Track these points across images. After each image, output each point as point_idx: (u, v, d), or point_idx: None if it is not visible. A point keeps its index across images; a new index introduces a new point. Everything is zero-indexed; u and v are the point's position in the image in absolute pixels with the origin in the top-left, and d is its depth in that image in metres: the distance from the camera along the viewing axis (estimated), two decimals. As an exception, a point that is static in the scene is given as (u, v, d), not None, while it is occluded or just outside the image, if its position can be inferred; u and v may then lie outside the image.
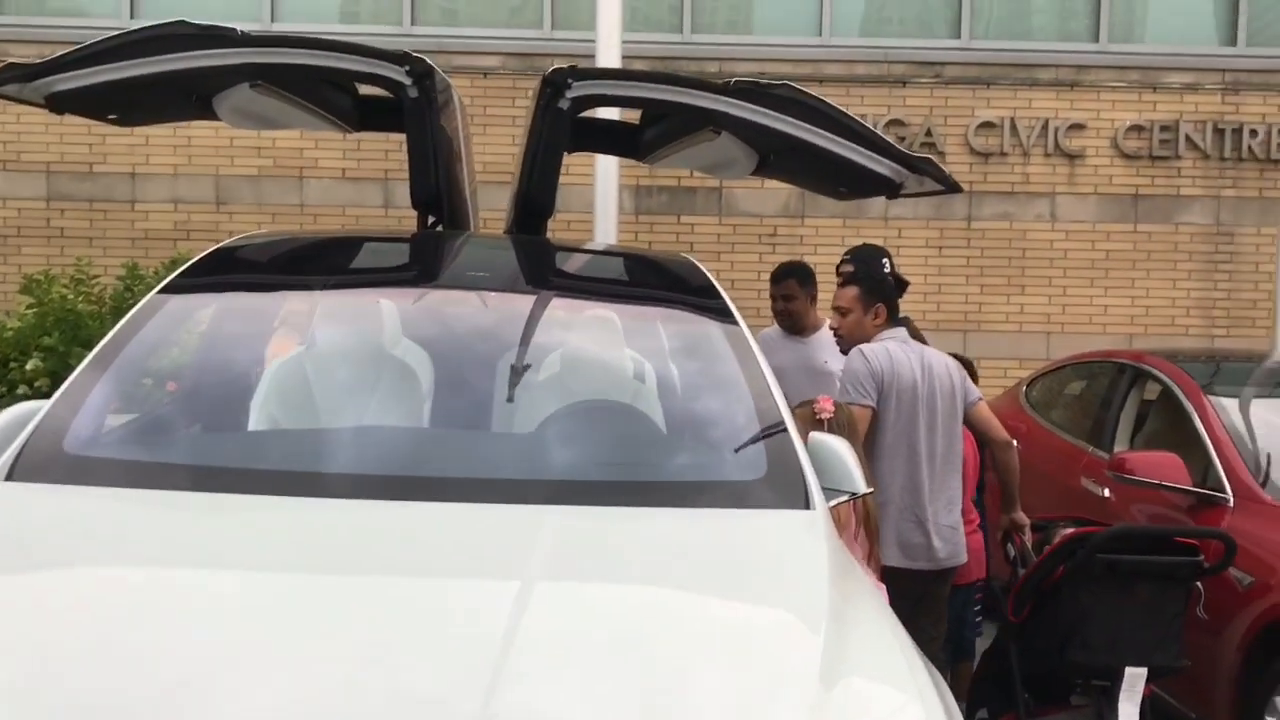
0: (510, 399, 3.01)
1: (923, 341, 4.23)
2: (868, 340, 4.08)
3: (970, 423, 4.11)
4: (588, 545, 2.30)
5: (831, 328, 4.37)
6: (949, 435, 3.97)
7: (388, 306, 3.37)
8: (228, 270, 3.28)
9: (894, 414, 3.90)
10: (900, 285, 4.52)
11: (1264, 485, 4.15)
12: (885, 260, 4.60)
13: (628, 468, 2.72)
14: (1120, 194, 9.02)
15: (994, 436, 4.22)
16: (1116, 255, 9.02)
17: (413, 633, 1.86)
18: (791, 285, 4.91)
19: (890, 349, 3.99)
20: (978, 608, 4.58)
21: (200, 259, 3.24)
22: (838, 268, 4.71)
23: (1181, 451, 4.41)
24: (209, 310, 3.27)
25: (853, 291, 4.20)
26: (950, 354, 4.26)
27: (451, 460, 2.68)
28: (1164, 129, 8.97)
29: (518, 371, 3.08)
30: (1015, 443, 4.30)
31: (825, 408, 3.52)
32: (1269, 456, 4.27)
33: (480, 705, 1.66)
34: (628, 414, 3.01)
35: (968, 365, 4.63)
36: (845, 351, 4.13)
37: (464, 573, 2.13)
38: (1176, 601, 3.61)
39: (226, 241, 3.44)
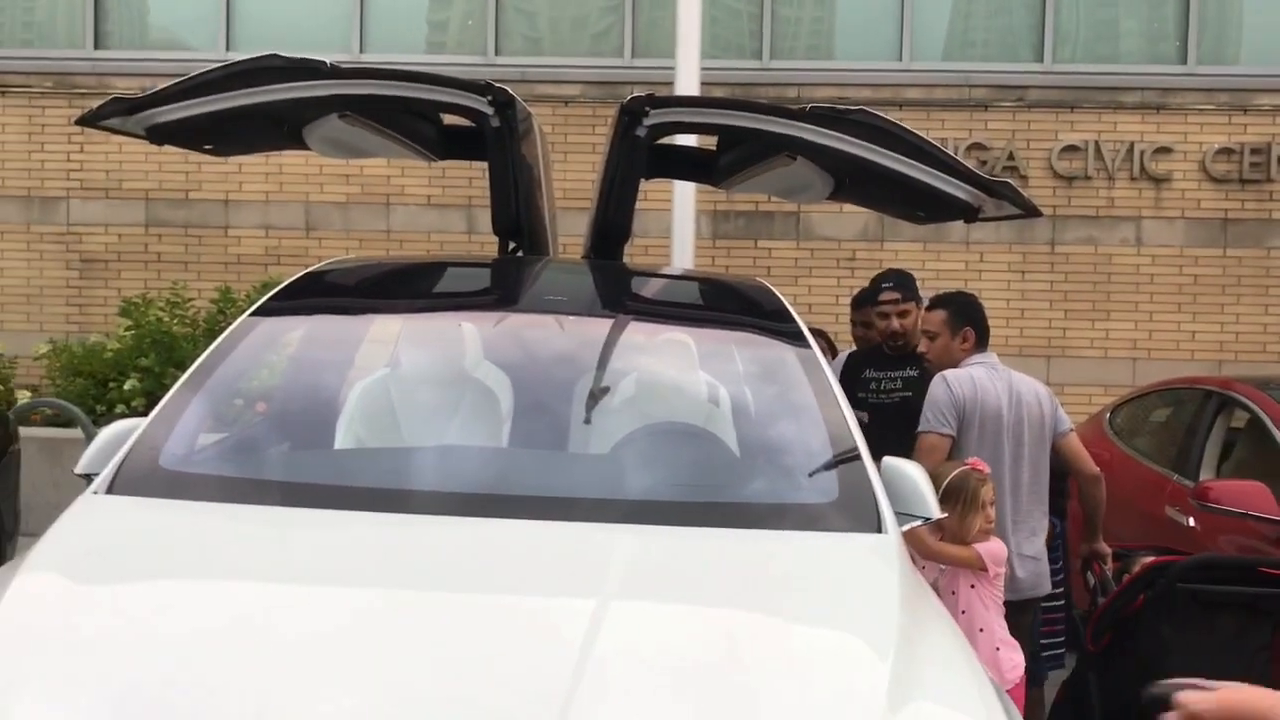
0: (587, 421, 3.07)
1: None
2: (955, 365, 4.04)
3: (1059, 453, 4.05)
4: (660, 564, 2.34)
5: (919, 352, 4.35)
6: (1035, 465, 3.92)
7: (469, 330, 3.46)
8: (317, 294, 3.40)
9: (977, 442, 3.86)
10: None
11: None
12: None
13: (701, 489, 2.75)
14: (1209, 218, 8.84)
15: (1082, 469, 4.15)
16: (1205, 280, 8.84)
17: (490, 649, 1.90)
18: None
19: (975, 375, 3.94)
20: (1058, 637, 4.52)
21: (290, 283, 3.35)
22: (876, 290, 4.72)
23: (1269, 481, 4.31)
24: (299, 333, 3.38)
25: (940, 315, 4.15)
26: None
27: (530, 479, 2.75)
28: (1255, 151, 8.78)
29: (594, 394, 3.13)
30: (1103, 476, 4.22)
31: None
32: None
33: None
34: (701, 436, 3.05)
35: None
36: (931, 376, 4.10)
37: (540, 590, 2.18)
38: (1261, 633, 3.53)
39: (316, 266, 3.56)
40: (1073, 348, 8.89)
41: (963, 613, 3.45)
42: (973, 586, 3.52)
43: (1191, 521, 4.74)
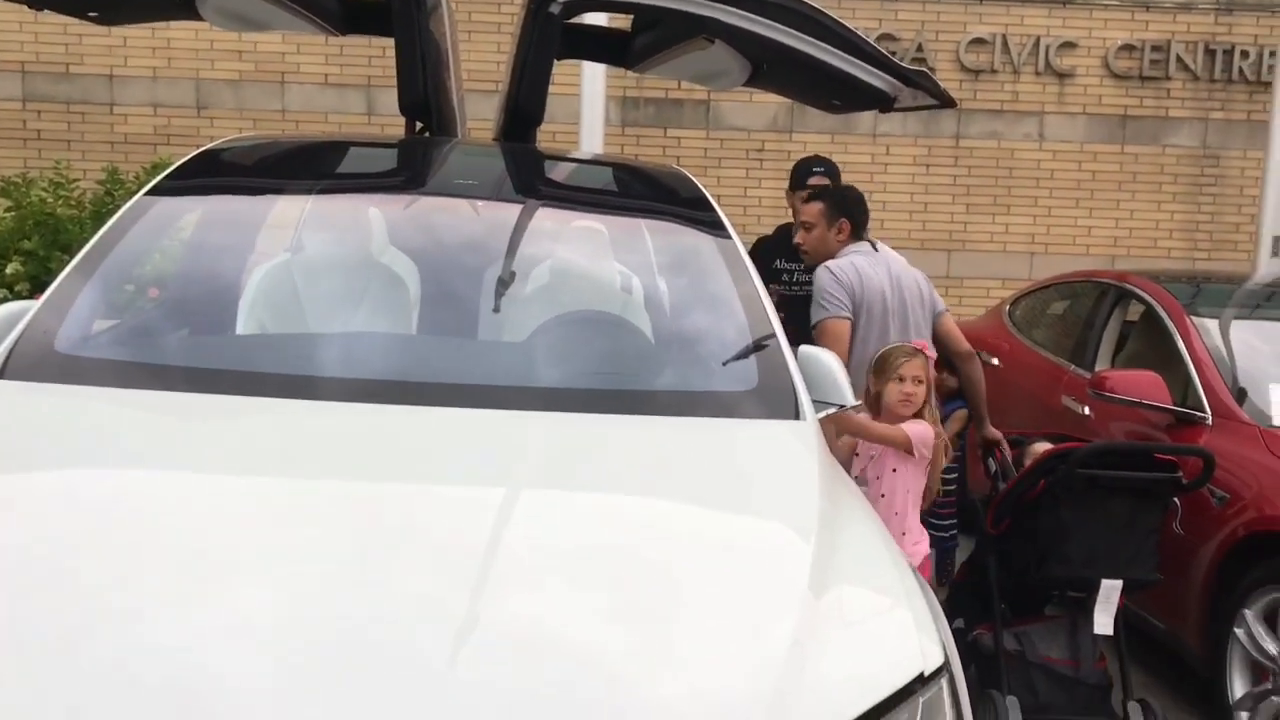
0: (497, 309, 3.00)
1: None
2: (831, 256, 4.15)
3: (935, 334, 4.18)
4: (576, 452, 2.31)
5: (795, 243, 4.40)
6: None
7: (375, 213, 3.34)
8: (214, 173, 3.24)
9: (865, 327, 3.98)
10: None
11: (1242, 405, 4.20)
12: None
13: (616, 377, 2.72)
14: (1109, 114, 8.98)
15: (957, 348, 4.31)
16: (1103, 176, 9.01)
17: (402, 536, 1.87)
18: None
19: (857, 263, 4.06)
20: (950, 519, 4.67)
21: (185, 162, 3.19)
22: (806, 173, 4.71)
23: (1162, 371, 4.45)
24: (195, 215, 3.23)
25: (818, 207, 4.25)
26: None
27: (442, 366, 2.69)
28: (1155, 49, 8.90)
29: (505, 281, 3.06)
30: (975, 354, 4.35)
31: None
32: (1248, 377, 4.32)
33: (467, 607, 1.67)
34: (617, 324, 3.01)
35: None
36: (811, 268, 4.17)
37: (454, 478, 2.14)
38: (1154, 517, 3.67)
39: (212, 144, 3.39)
40: (973, 241, 9.02)
41: (882, 496, 3.52)
42: (895, 470, 3.58)
43: (1087, 410, 4.89)
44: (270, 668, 1.54)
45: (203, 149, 3.30)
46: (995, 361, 5.77)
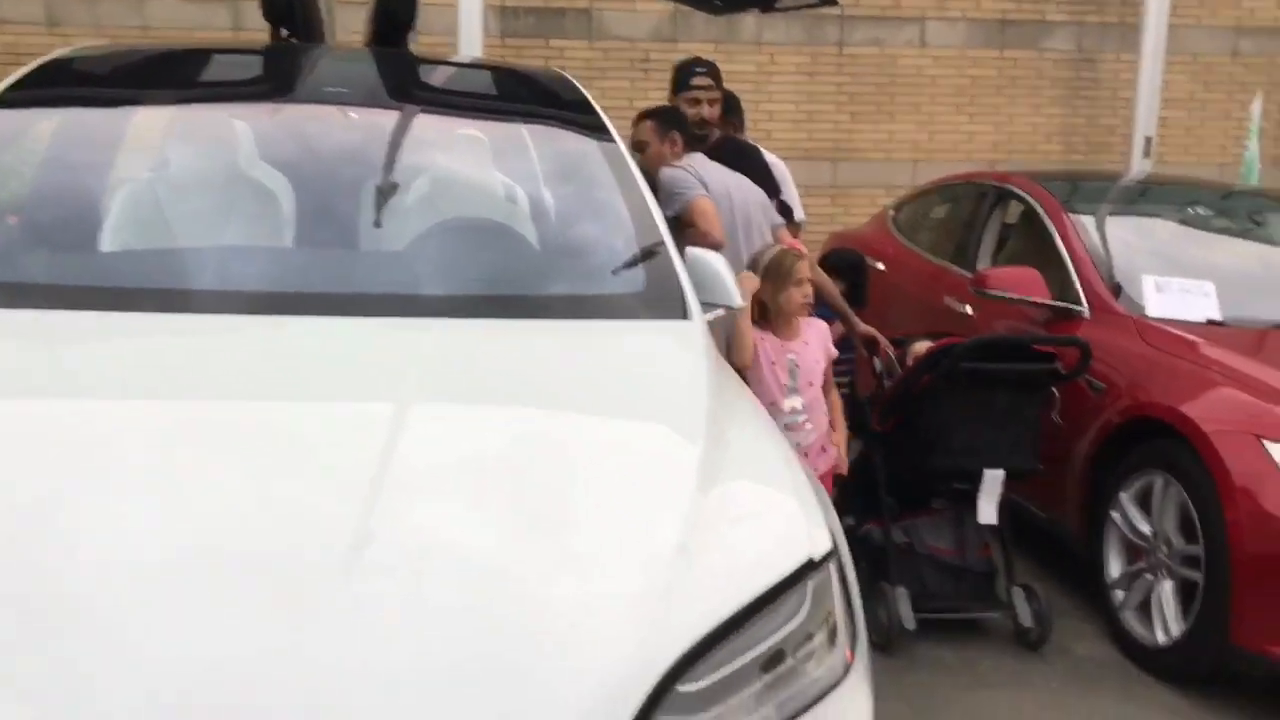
0: (378, 223, 2.91)
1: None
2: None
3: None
4: (463, 359, 2.27)
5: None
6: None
7: (242, 125, 3.19)
8: (64, 84, 3.06)
9: None
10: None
11: (1117, 298, 4.32)
12: None
13: (502, 283, 2.67)
14: (988, 19, 9.05)
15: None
16: (983, 81, 9.11)
17: (290, 452, 1.82)
18: None
19: (696, 164, 4.12)
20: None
21: (30, 72, 3.00)
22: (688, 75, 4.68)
23: (1042, 268, 4.55)
24: (46, 128, 3.05)
25: (649, 125, 4.31)
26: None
27: (323, 276, 2.61)
28: (1032, -48, 8.98)
29: (384, 192, 2.97)
30: (817, 263, 4.41)
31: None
32: (1123, 271, 4.44)
33: (359, 523, 1.64)
34: (501, 231, 2.95)
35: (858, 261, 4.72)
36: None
37: (342, 391, 2.08)
38: (1033, 407, 3.77)
39: (59, 52, 3.19)
40: (858, 150, 9.07)
41: (771, 404, 3.53)
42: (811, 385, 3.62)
43: (969, 309, 4.98)
44: (160, 590, 1.50)
45: (47, 58, 3.10)
46: (880, 266, 5.83)
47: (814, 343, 3.67)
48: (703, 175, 4.06)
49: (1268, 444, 3.35)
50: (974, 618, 3.90)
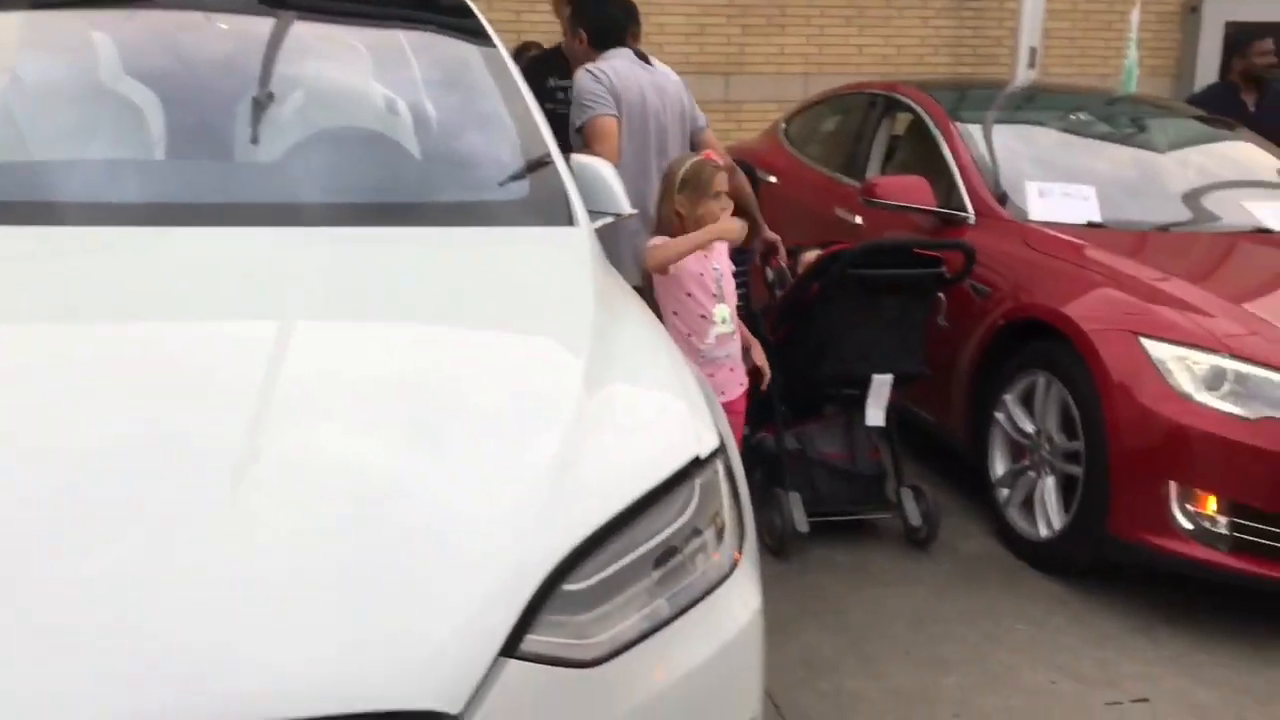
0: (254, 134, 2.81)
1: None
2: (579, 63, 4.13)
3: (694, 148, 4.18)
4: (345, 270, 2.23)
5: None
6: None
7: (101, 37, 3.03)
8: None
9: (626, 132, 3.93)
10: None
11: (1003, 205, 4.39)
12: None
13: (383, 190, 2.61)
14: (876, -70, 9.03)
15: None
16: (872, -7, 9.11)
17: (173, 370, 1.78)
18: None
19: (616, 66, 4.01)
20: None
21: None
22: None
23: (929, 176, 4.59)
24: None
25: (566, 10, 4.29)
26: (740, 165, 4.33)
27: (199, 187, 2.52)
28: None
29: (260, 104, 2.86)
30: (738, 168, 4.36)
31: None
32: (1007, 178, 4.51)
33: (244, 440, 1.61)
34: (380, 139, 2.87)
35: (749, 174, 4.65)
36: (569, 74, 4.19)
37: (224, 305, 2.03)
38: (920, 311, 3.83)
39: None
40: (750, 64, 9.03)
41: (701, 317, 3.47)
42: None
43: (859, 219, 5.02)
44: (37, 512, 1.47)
45: None
46: (772, 179, 5.83)
47: (725, 253, 3.64)
48: (615, 81, 3.93)
49: (1145, 341, 3.45)
50: (865, 519, 3.98)
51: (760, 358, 3.67)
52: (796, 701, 2.96)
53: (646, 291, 3.48)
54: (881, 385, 3.77)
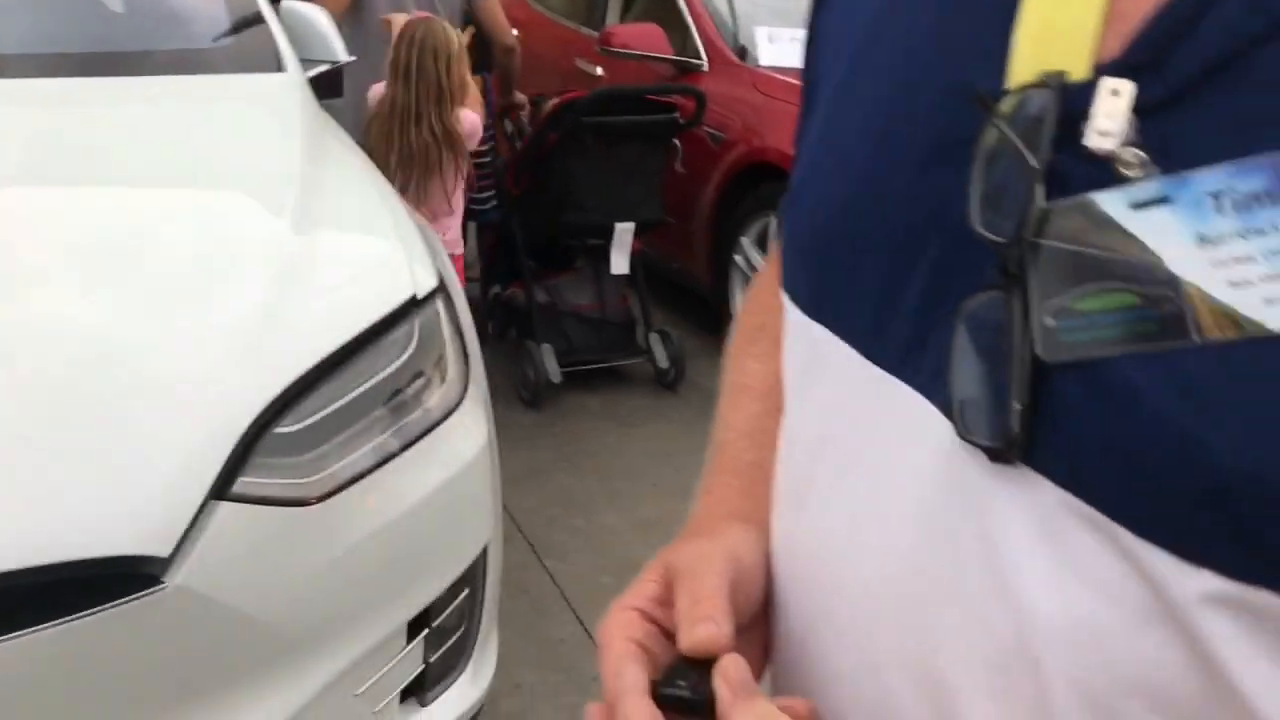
0: None
1: None
2: None
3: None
4: (45, 124, 2.14)
5: None
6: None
7: None
8: None
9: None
10: None
11: (741, 55, 4.46)
12: None
13: (83, 39, 2.45)
14: None
15: (500, 39, 4.28)
16: None
17: None
18: None
19: None
20: (489, 191, 4.71)
21: None
22: None
23: (666, 25, 4.61)
24: None
25: None
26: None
27: None
28: None
29: None
30: (518, 48, 4.31)
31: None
32: (740, 24, 4.58)
33: None
34: None
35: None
36: None
37: None
38: (657, 158, 3.89)
39: None
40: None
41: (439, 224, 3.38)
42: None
43: (599, 70, 5.01)
44: None
45: None
46: (515, 33, 5.72)
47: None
48: None
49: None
50: (616, 365, 4.09)
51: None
52: (552, 539, 3.06)
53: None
54: (624, 233, 3.83)
